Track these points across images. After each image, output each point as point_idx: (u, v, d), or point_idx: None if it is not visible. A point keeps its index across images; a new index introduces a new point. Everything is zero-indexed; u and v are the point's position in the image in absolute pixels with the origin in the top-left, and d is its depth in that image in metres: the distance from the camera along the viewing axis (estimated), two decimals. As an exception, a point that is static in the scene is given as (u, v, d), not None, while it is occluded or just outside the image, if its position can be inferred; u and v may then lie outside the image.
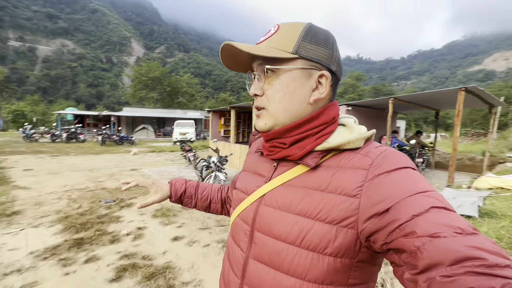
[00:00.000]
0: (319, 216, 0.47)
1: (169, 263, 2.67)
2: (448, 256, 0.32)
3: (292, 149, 0.54)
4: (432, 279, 0.32)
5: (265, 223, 0.53)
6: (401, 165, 0.45)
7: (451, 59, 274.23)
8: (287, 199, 0.52)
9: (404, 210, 0.38)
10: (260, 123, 0.55)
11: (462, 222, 0.36)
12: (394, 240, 0.38)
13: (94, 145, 15.75)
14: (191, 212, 4.38)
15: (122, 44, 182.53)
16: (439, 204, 0.38)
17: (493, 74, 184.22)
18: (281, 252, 0.49)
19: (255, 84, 0.55)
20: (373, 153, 0.48)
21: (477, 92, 5.95)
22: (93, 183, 6.28)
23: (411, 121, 32.80)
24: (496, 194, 4.28)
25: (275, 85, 0.52)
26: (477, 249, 0.31)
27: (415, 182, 0.42)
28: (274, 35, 0.52)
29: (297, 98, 0.52)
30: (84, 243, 3.09)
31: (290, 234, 0.49)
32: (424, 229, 0.35)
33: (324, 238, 0.46)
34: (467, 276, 0.29)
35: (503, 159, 8.80)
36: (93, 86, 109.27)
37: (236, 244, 0.60)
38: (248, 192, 0.61)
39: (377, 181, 0.44)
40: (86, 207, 4.47)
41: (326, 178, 0.49)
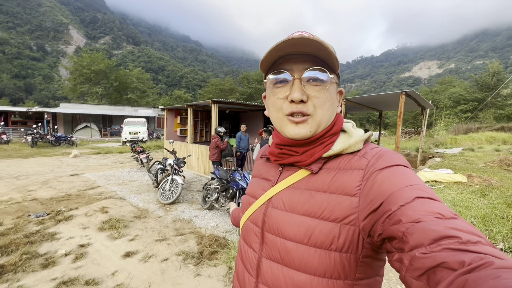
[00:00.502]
0: (324, 215, 0.50)
1: (121, 285, 2.31)
2: (427, 237, 0.35)
3: (303, 156, 0.57)
4: (413, 257, 0.35)
5: (274, 224, 0.57)
6: (393, 162, 0.49)
7: (387, 65, 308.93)
8: (293, 201, 0.55)
9: (393, 202, 0.42)
10: (304, 130, 0.55)
11: (443, 209, 0.39)
12: (386, 229, 0.41)
13: (22, 147, 13.42)
14: (145, 221, 3.97)
15: (58, 30, 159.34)
16: (424, 195, 0.41)
17: (419, 80, 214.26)
18: (291, 250, 0.52)
19: (300, 90, 0.53)
20: (369, 153, 0.53)
21: (414, 96, 6.72)
22: (19, 193, 5.27)
23: (356, 120, 35.99)
24: (432, 186, 4.87)
25: (326, 93, 0.54)
26: (453, 229, 0.34)
27: (405, 177, 0.46)
28: (322, 42, 0.52)
29: (334, 108, 0.58)
30: (6, 271, 2.51)
31: (298, 233, 0.52)
32: (408, 216, 0.38)
33: (329, 235, 0.49)
34: (442, 252, 0.32)
35: (432, 155, 10.19)
36: (20, 78, 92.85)
37: (248, 245, 0.63)
38: (256, 196, 0.64)
39: (372, 179, 0.48)
40: (9, 224, 3.69)
41: (328, 180, 0.53)
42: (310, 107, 0.54)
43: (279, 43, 0.51)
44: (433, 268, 0.33)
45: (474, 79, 28.03)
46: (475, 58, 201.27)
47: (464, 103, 24.98)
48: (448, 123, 19.67)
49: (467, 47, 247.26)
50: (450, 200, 3.96)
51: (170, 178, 5.04)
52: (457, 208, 3.56)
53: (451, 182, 5.03)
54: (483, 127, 17.28)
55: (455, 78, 38.59)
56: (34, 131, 14.08)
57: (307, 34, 0.54)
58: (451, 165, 7.01)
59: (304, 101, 0.53)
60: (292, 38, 0.50)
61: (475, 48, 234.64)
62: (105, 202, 4.81)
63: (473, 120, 21.15)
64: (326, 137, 0.57)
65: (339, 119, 0.60)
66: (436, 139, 14.97)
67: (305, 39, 0.50)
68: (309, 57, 0.54)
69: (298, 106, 0.54)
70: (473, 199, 4.02)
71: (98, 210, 4.34)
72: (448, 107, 24.64)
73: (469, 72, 75.68)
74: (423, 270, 0.34)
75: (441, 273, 0.32)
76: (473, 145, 12.31)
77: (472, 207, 3.61)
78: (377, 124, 34.97)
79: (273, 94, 0.57)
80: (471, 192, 4.39)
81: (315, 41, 0.50)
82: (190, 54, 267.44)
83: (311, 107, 0.54)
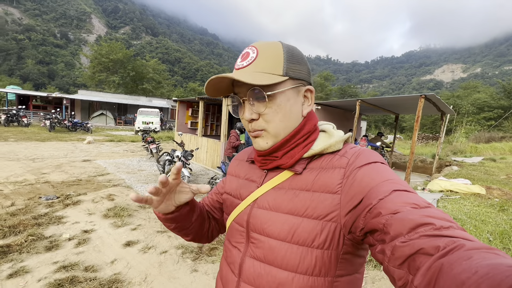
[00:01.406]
0: (307, 213, 0.51)
1: (118, 275, 2.32)
2: (405, 226, 0.37)
3: (283, 159, 0.59)
4: (394, 246, 0.37)
5: (258, 223, 0.57)
6: (371, 160, 0.51)
7: (408, 67, 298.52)
8: (277, 201, 0.56)
9: (373, 196, 0.44)
10: (262, 143, 0.58)
11: (418, 199, 0.41)
12: (367, 223, 0.43)
13: (40, 131, 13.96)
14: (149, 211, 4.00)
15: (81, 19, 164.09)
16: (400, 188, 0.44)
17: (441, 84, 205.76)
18: (274, 248, 0.54)
19: (248, 109, 0.56)
20: (348, 153, 0.55)
21: (434, 100, 6.39)
22: (34, 176, 5.45)
23: (371, 122, 35.06)
24: (447, 196, 4.63)
25: (273, 107, 0.55)
26: (428, 217, 0.36)
27: (382, 173, 0.48)
28: (258, 60, 0.55)
29: (293, 115, 0.58)
30: (12, 251, 2.58)
31: (281, 232, 0.53)
32: (387, 209, 0.40)
33: (312, 233, 0.50)
34: (420, 239, 0.34)
35: (449, 162, 9.75)
36: (44, 64, 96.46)
37: (233, 246, 0.63)
38: (242, 198, 0.64)
39: (352, 176, 0.50)
40: (20, 205, 3.81)
41: (311, 179, 0.55)
42: (262, 123, 0.56)
43: (207, 83, 0.55)
44: (412, 255, 0.34)
45: (501, 85, 26.54)
46: (504, 64, 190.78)
47: (488, 110, 23.72)
48: (469, 130, 18.76)
49: (496, 51, 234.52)
50: (465, 213, 3.73)
51: (177, 170, 5.06)
52: (473, 222, 3.35)
53: (468, 193, 4.76)
54: (507, 136, 16.37)
55: (480, 84, 36.70)
56: (52, 116, 14.60)
57: (251, 50, 0.56)
58: (469, 175, 6.66)
59: (254, 118, 0.56)
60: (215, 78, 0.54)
61: (504, 52, 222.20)
62: (112, 190, 4.90)
63: (496, 129, 20.08)
64: (299, 138, 0.58)
65: (309, 120, 0.60)
66: (455, 146, 14.32)
67: (221, 78, 0.54)
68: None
69: (251, 125, 0.58)
70: (491, 213, 3.78)
71: (105, 197, 4.41)
72: (471, 114, 23.50)
73: (496, 78, 71.79)
74: (404, 258, 0.35)
75: (420, 259, 0.33)
76: (495, 155, 11.67)
77: (489, 222, 3.39)
78: (393, 127, 33.95)
79: (239, 115, 0.60)
80: (489, 206, 4.13)
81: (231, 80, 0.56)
82: (207, 47, 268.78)
83: (263, 122, 0.56)
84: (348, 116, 10.55)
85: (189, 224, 0.68)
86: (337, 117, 9.77)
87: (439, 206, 4.01)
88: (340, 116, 9.97)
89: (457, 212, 3.70)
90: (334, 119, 9.38)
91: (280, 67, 0.54)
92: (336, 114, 9.71)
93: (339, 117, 9.94)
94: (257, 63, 0.54)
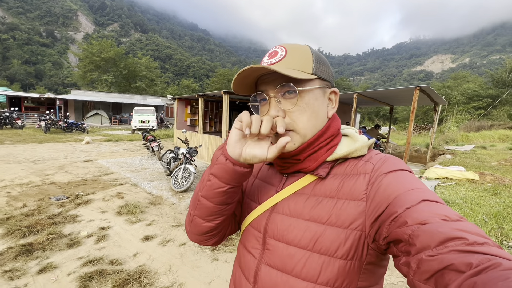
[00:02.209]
0: (330, 221, 0.50)
1: (143, 266, 2.45)
2: (434, 239, 0.35)
3: (306, 162, 0.56)
4: (420, 259, 0.35)
5: (277, 229, 0.55)
6: (398, 167, 0.50)
7: (398, 58, 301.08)
8: (299, 207, 0.54)
9: (399, 204, 0.42)
10: (289, 144, 0.55)
11: (449, 211, 0.39)
12: (391, 232, 0.41)
13: (35, 132, 13.77)
14: (160, 207, 4.11)
15: (67, 17, 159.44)
16: (429, 198, 0.41)
17: (431, 75, 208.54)
18: (294, 256, 0.51)
19: (275, 107, 0.54)
20: (374, 159, 0.54)
21: (428, 91, 6.60)
22: (38, 177, 5.48)
23: (364, 115, 35.50)
24: (443, 183, 4.87)
25: (302, 105, 0.54)
26: (459, 231, 0.34)
27: (409, 181, 0.46)
28: (287, 57, 0.54)
29: (320, 115, 0.57)
30: (35, 249, 2.67)
31: (302, 239, 0.51)
32: (414, 219, 0.38)
33: (335, 242, 0.48)
34: (449, 254, 0.32)
35: (443, 151, 10.07)
36: (31, 64, 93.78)
37: (247, 251, 0.61)
38: (259, 201, 0.62)
39: (377, 183, 0.48)
40: (32, 205, 3.87)
41: (335, 185, 0.53)
42: (288, 121, 0.54)
43: (239, 74, 0.52)
44: (440, 270, 0.33)
45: (489, 75, 27.17)
46: (492, 53, 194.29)
47: (477, 100, 24.33)
48: (460, 119, 19.26)
49: (484, 41, 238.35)
50: (461, 197, 3.97)
51: (183, 167, 5.16)
52: (469, 205, 3.58)
53: (463, 180, 5.01)
54: (496, 124, 16.88)
55: (469, 73, 37.43)
56: (47, 117, 14.39)
57: (279, 49, 0.55)
58: (463, 163, 6.94)
59: (282, 116, 0.54)
60: (247, 69, 0.51)
61: (492, 42, 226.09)
62: (120, 188, 4.98)
63: (486, 118, 20.66)
64: (324, 141, 0.56)
65: (333, 122, 0.59)
66: (447, 135, 14.73)
67: (260, 68, 0.50)
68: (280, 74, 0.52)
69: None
70: (485, 197, 4.02)
71: (115, 196, 4.50)
72: (461, 103, 24.06)
73: (484, 67, 73.18)
74: (431, 273, 0.34)
75: (449, 275, 0.32)
76: (485, 143, 12.10)
77: (484, 205, 3.62)
78: (386, 118, 34.41)
79: (260, 113, 0.58)
80: (483, 190, 4.38)
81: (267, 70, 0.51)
82: (198, 43, 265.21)
83: (289, 121, 0.54)
84: (345, 109, 10.74)
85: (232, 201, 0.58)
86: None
87: (437, 192, 4.24)
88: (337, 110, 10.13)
89: (454, 197, 3.93)
90: (331, 113, 9.53)
91: (310, 66, 0.54)
92: (333, 108, 9.87)
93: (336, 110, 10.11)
94: (287, 61, 0.54)
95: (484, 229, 2.80)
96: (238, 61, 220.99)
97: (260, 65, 0.50)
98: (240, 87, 0.58)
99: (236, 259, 0.67)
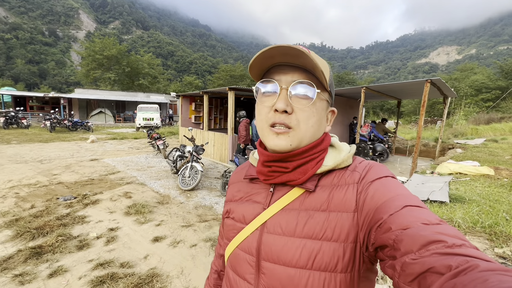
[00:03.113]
0: (326, 236, 0.49)
1: (154, 269, 2.39)
2: (416, 242, 0.36)
3: (295, 174, 0.54)
4: (404, 263, 0.36)
5: (272, 251, 0.52)
6: (382, 174, 0.51)
7: (403, 51, 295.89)
8: (291, 224, 0.52)
9: (384, 211, 0.43)
10: (284, 142, 0.53)
11: (430, 216, 0.40)
12: (378, 238, 0.42)
13: (41, 132, 13.85)
14: (168, 207, 4.06)
15: (68, 15, 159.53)
16: (412, 203, 0.43)
17: (436, 67, 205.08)
18: (294, 277, 0.49)
19: (285, 100, 0.52)
20: (359, 167, 0.54)
21: (439, 84, 6.40)
22: (45, 177, 5.47)
23: (369, 109, 35.08)
24: (457, 179, 4.72)
25: (312, 109, 0.53)
26: (439, 234, 0.36)
27: (393, 187, 0.47)
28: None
29: (321, 126, 0.57)
30: (45, 252, 2.63)
31: (300, 259, 0.49)
32: (397, 224, 0.40)
33: (334, 257, 0.48)
34: (431, 257, 0.34)
35: (452, 145, 9.86)
36: (34, 63, 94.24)
37: (240, 277, 0.57)
38: (246, 221, 0.58)
39: (364, 191, 0.49)
40: (40, 206, 3.85)
41: (325, 198, 0.52)
42: (294, 120, 0.52)
43: (268, 49, 0.50)
44: (423, 273, 0.34)
45: (498, 66, 26.52)
46: (499, 43, 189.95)
47: (486, 92, 23.80)
48: (468, 112, 18.88)
49: (491, 31, 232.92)
50: (478, 194, 3.83)
51: (190, 165, 5.09)
52: (487, 202, 3.44)
53: (477, 175, 4.86)
54: (506, 117, 16.51)
55: (476, 65, 36.63)
56: (52, 116, 14.44)
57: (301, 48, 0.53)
58: (475, 157, 6.77)
59: (288, 112, 0.52)
60: (281, 46, 0.49)
61: (499, 32, 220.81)
62: (127, 187, 4.94)
63: (494, 110, 20.23)
64: (315, 153, 0.55)
65: (327, 137, 0.59)
66: (455, 129, 14.45)
67: (295, 49, 0.48)
68: (300, 70, 0.52)
69: (281, 117, 0.52)
70: (502, 193, 3.88)
71: (122, 195, 4.46)
72: (469, 96, 23.57)
73: (491, 58, 71.59)
74: (414, 275, 0.35)
75: (431, 277, 0.33)
76: (495, 136, 11.81)
77: (503, 202, 3.48)
78: (391, 112, 33.95)
79: (260, 102, 0.55)
80: (500, 186, 4.24)
81: (305, 54, 0.49)
82: (199, 39, 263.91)
83: (295, 120, 0.52)
84: (352, 104, 10.56)
85: None
86: (341, 105, 9.78)
87: (452, 188, 4.10)
88: (343, 104, 9.97)
89: (470, 193, 3.80)
90: (338, 107, 9.31)
91: (327, 77, 0.53)
92: (340, 102, 9.72)
93: (343, 105, 9.95)
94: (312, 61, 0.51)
95: (506, 228, 2.68)
96: (240, 57, 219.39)
97: (300, 48, 0.48)
98: (256, 67, 0.54)
99: (225, 285, 0.62)
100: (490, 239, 2.51)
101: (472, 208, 3.16)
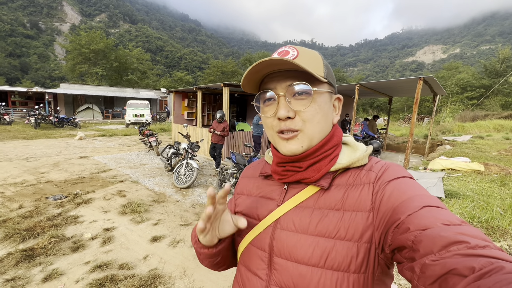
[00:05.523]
0: (339, 235, 0.48)
1: (155, 270, 2.32)
2: (436, 243, 0.35)
3: (308, 172, 0.54)
4: (424, 264, 0.35)
5: (284, 247, 0.52)
6: (400, 175, 0.50)
7: (391, 49, 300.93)
8: (304, 221, 0.52)
9: (402, 211, 0.42)
10: (295, 146, 0.53)
11: (451, 216, 0.39)
12: (395, 239, 0.41)
13: (25, 128, 13.29)
14: (165, 205, 3.96)
15: (51, 7, 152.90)
16: (431, 204, 0.41)
17: (422, 65, 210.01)
18: (306, 275, 0.49)
19: (285, 106, 0.52)
20: (375, 167, 0.53)
21: (430, 82, 6.54)
22: (32, 176, 5.24)
23: (359, 106, 35.59)
24: (449, 175, 4.85)
25: (313, 106, 0.52)
26: (461, 235, 0.34)
27: (411, 188, 0.46)
28: (300, 57, 0.52)
29: (328, 119, 0.56)
30: (37, 254, 2.51)
31: (312, 256, 0.49)
32: (416, 224, 0.38)
33: (347, 256, 0.47)
34: (452, 259, 0.32)
35: (441, 142, 10.13)
36: (15, 56, 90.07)
37: (252, 273, 0.57)
38: (259, 218, 0.59)
39: (381, 191, 0.48)
40: (29, 206, 3.68)
41: (339, 197, 0.51)
42: (298, 122, 0.52)
43: (253, 67, 0.50)
44: (444, 275, 0.32)
45: (482, 65, 27.43)
46: (482, 43, 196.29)
47: (470, 90, 24.61)
48: (454, 110, 19.48)
49: (474, 31, 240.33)
50: (471, 189, 3.94)
51: (185, 163, 4.99)
52: (481, 198, 3.54)
53: (468, 171, 5.00)
54: (490, 114, 17.13)
55: (461, 64, 37.74)
56: (36, 112, 13.87)
57: (290, 49, 0.53)
58: (464, 153, 6.97)
59: (291, 117, 0.52)
60: (264, 60, 0.49)
61: (482, 32, 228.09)
62: (120, 186, 4.79)
63: (478, 108, 20.94)
64: (328, 150, 0.55)
65: (337, 130, 0.58)
66: (443, 126, 14.87)
67: (278, 59, 0.48)
68: (292, 73, 0.52)
69: (286, 123, 0.53)
70: (494, 188, 4.00)
71: (116, 194, 4.32)
72: (455, 94, 24.30)
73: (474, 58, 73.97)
74: (434, 277, 0.33)
75: (452, 280, 0.32)
76: (481, 133, 12.24)
77: (495, 197, 3.60)
78: (380, 109, 34.54)
79: (263, 113, 0.56)
80: (491, 181, 4.37)
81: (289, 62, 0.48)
82: (189, 34, 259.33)
83: (300, 122, 0.52)
84: (345, 101, 10.65)
85: (230, 257, 0.64)
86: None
87: (445, 183, 4.20)
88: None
89: (464, 189, 3.90)
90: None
91: (321, 69, 0.53)
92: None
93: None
94: (300, 60, 0.51)
95: (502, 223, 2.76)
96: (231, 53, 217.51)
97: (280, 58, 0.48)
98: (249, 83, 0.55)
99: (237, 281, 0.61)
100: (488, 234, 2.58)
101: (467, 203, 3.24)
